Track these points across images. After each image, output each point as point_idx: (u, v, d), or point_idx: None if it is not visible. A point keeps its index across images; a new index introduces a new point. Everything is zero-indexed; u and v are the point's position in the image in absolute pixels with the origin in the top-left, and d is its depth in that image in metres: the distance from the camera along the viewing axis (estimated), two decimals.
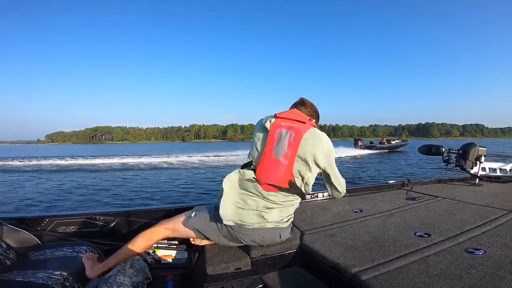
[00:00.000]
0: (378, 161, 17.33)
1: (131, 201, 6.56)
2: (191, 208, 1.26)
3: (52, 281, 0.99)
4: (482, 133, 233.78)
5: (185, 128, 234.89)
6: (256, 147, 1.12)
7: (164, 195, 7.12)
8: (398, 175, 10.36)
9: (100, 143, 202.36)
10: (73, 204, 6.33)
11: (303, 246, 1.14)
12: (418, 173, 11.04)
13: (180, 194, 7.28)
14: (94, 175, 12.17)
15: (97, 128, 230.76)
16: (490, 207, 1.49)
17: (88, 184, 9.24)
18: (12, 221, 1.32)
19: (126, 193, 7.51)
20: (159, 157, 22.81)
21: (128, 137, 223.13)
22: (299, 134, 1.05)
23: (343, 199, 1.86)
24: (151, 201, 6.72)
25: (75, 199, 6.85)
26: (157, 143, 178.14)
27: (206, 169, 14.23)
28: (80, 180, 10.24)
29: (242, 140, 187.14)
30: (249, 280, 1.06)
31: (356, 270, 0.86)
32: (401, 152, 26.38)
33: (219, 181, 8.03)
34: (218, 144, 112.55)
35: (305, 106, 1.22)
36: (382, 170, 12.30)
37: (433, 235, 1.10)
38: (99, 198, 6.88)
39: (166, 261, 1.35)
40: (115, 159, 20.52)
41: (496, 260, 0.86)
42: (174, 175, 11.68)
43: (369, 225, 1.29)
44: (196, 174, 12.09)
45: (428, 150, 2.24)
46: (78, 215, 1.49)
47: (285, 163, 1.05)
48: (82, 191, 7.90)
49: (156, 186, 8.61)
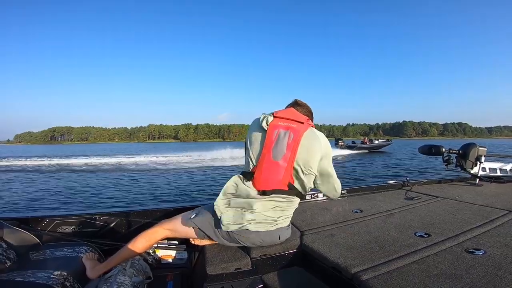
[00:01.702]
0: (357, 163, 16.19)
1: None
2: (191, 208, 1.26)
3: (52, 281, 0.99)
4: (465, 133, 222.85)
5: (142, 128, 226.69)
6: (253, 148, 1.10)
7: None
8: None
9: (58, 143, 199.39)
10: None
11: (303, 246, 1.14)
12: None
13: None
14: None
15: (55, 129, 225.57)
16: (490, 207, 1.49)
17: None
18: (12, 221, 1.32)
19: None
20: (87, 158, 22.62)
21: (89, 138, 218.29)
22: (298, 135, 1.03)
23: (343, 199, 1.86)
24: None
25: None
26: (114, 144, 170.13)
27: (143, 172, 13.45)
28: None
29: (194, 141, 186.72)
30: (249, 280, 1.06)
31: (356, 270, 0.86)
32: (384, 152, 25.33)
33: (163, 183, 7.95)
34: (164, 144, 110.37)
35: (301, 106, 1.21)
36: (359, 172, 11.52)
37: (433, 235, 1.10)
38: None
39: (166, 261, 1.35)
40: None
41: (496, 260, 0.86)
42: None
43: (369, 225, 1.29)
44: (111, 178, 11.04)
45: (428, 150, 2.24)
46: (78, 215, 1.49)
47: (284, 166, 1.03)
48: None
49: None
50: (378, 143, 27.41)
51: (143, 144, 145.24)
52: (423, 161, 15.01)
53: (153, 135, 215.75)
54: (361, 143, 26.93)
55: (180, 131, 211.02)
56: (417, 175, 9.79)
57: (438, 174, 2.55)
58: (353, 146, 26.26)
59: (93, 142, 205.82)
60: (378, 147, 26.95)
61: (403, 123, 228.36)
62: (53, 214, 1.47)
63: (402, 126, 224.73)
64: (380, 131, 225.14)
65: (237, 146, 29.06)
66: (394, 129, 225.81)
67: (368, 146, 26.40)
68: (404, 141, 36.23)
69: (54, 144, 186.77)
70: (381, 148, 27.26)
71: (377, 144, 27.11)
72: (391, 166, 13.89)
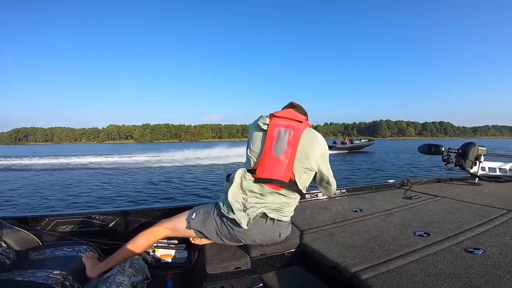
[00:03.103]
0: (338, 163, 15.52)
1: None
2: (191, 207, 1.26)
3: (52, 280, 0.99)
4: (445, 132, 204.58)
5: (103, 129, 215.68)
6: (254, 146, 1.12)
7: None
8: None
9: (22, 144, 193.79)
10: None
11: (303, 245, 1.14)
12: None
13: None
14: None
15: (20, 129, 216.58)
16: (490, 206, 1.50)
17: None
18: (11, 220, 1.32)
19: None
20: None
21: (54, 138, 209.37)
22: (298, 133, 1.06)
23: (343, 198, 1.87)
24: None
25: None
26: (79, 145, 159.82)
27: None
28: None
29: (150, 142, 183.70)
30: (248, 279, 1.06)
31: (355, 269, 0.86)
32: (367, 152, 24.93)
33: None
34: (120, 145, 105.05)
35: (297, 108, 1.25)
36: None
37: (432, 234, 1.11)
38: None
39: (166, 261, 1.35)
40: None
41: (495, 260, 0.86)
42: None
43: (368, 224, 1.29)
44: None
45: (428, 149, 2.24)
46: (78, 214, 1.49)
47: (285, 161, 1.06)
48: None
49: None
50: (359, 143, 27.05)
51: (100, 145, 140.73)
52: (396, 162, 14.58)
53: (112, 135, 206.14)
54: (341, 143, 26.62)
55: (135, 131, 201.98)
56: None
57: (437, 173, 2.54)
58: (332, 146, 25.73)
59: (57, 143, 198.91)
60: (359, 147, 26.52)
61: (379, 122, 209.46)
62: (53, 213, 1.46)
63: (378, 125, 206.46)
64: (354, 131, 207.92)
65: (183, 147, 28.42)
66: (370, 129, 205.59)
67: (348, 146, 26.06)
68: (377, 142, 35.14)
69: (18, 145, 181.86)
70: (364, 148, 26.88)
71: (357, 144, 26.70)
72: (366, 168, 13.47)
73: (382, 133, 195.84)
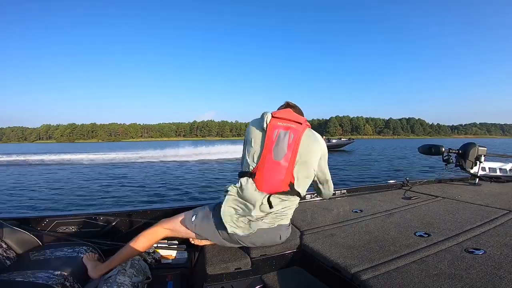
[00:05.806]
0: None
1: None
2: (191, 208, 1.26)
3: (52, 281, 0.99)
4: (412, 131, 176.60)
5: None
6: (253, 148, 1.09)
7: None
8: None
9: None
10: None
11: (303, 246, 1.14)
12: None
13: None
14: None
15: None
16: (490, 207, 1.49)
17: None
18: (12, 221, 1.32)
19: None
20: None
21: (3, 138, 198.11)
22: (298, 136, 1.04)
23: (343, 199, 1.87)
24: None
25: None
26: (26, 144, 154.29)
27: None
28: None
29: (71, 141, 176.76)
30: (249, 280, 1.06)
31: (356, 270, 0.86)
32: (346, 151, 24.11)
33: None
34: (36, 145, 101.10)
35: (294, 108, 1.22)
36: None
37: (433, 235, 1.11)
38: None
39: (166, 261, 1.35)
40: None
41: (496, 260, 0.86)
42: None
43: (369, 225, 1.29)
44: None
45: (428, 149, 2.24)
46: (78, 215, 1.49)
47: (285, 165, 1.03)
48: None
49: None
50: (335, 142, 26.35)
51: (30, 144, 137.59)
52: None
53: (40, 135, 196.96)
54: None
55: (57, 131, 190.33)
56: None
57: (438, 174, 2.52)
58: None
59: (5, 142, 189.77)
60: (336, 146, 25.95)
61: (329, 120, 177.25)
62: (53, 214, 1.47)
63: (326, 123, 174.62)
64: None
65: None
66: (321, 127, 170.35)
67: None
68: (357, 140, 33.05)
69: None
70: (342, 147, 26.49)
71: (334, 143, 25.98)
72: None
73: (331, 131, 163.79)
